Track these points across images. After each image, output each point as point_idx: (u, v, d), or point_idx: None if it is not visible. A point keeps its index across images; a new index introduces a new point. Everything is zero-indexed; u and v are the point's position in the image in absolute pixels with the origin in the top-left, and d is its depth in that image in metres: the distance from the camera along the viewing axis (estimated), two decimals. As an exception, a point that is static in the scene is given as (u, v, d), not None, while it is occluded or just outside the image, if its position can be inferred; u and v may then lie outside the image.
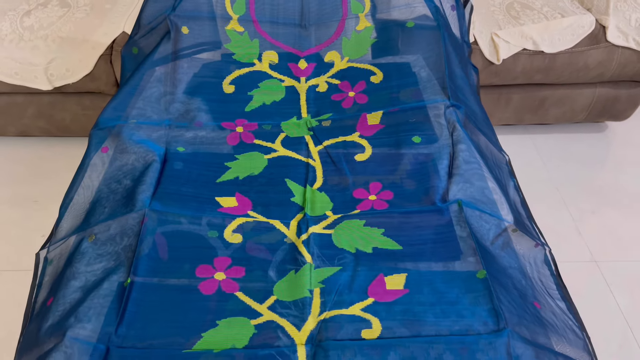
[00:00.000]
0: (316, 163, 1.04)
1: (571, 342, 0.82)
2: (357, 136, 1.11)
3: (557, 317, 0.84)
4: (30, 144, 2.09)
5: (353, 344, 0.74)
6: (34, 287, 0.91)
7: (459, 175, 1.00)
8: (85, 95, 1.91)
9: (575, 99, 2.10)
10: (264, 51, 1.27)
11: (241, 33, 1.26)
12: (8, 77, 1.81)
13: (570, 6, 2.05)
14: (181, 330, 0.76)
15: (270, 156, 1.05)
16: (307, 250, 0.86)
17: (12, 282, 1.62)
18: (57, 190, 1.82)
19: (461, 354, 0.72)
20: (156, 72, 1.27)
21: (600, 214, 1.93)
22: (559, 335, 0.81)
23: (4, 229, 1.78)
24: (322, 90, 1.22)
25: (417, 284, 0.82)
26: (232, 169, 1.02)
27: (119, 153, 1.08)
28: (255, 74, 1.23)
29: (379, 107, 1.18)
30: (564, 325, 0.83)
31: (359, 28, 1.29)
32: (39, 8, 1.88)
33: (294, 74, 1.25)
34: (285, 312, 0.79)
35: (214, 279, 0.83)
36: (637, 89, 2.11)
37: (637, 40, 1.93)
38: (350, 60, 1.26)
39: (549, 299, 0.88)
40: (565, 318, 0.86)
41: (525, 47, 1.91)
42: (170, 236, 0.88)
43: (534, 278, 0.90)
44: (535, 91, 2.07)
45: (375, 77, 1.23)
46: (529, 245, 0.97)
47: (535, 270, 0.93)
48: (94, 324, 0.75)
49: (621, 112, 2.18)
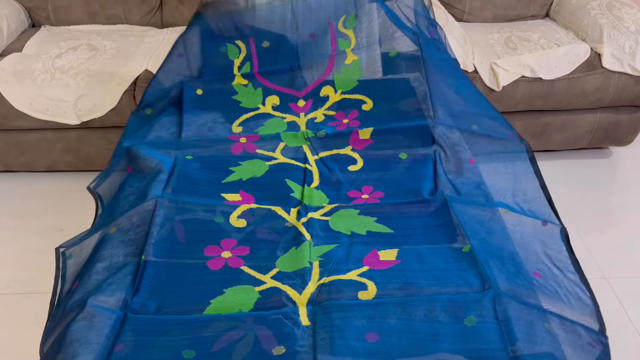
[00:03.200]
0: (313, 168, 1.14)
1: (574, 307, 0.86)
2: (350, 149, 1.21)
3: (560, 286, 0.89)
4: (57, 178, 2.21)
5: (351, 303, 0.80)
6: (57, 278, 0.99)
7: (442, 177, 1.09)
8: (110, 130, 2.04)
9: (577, 124, 2.18)
10: (267, 97, 1.40)
11: (246, 85, 1.40)
12: (40, 114, 1.95)
13: (566, 37, 2.16)
14: (191, 299, 0.83)
15: (271, 163, 1.14)
16: (307, 231, 0.94)
17: (40, 305, 1.69)
18: (83, 220, 1.92)
19: (450, 310, 0.78)
20: (168, 113, 1.39)
21: (608, 233, 1.96)
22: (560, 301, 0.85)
23: (32, 255, 1.87)
24: (319, 121, 1.33)
25: (407, 256, 0.89)
26: (236, 172, 1.11)
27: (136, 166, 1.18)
28: (260, 116, 1.35)
29: (369, 125, 1.28)
30: (568, 293, 0.88)
31: (347, 62, 1.43)
32: (69, 52, 2.04)
33: (294, 111, 1.36)
34: (287, 280, 0.85)
35: (220, 257, 0.91)
36: (637, 113, 2.18)
37: (632, 65, 2.02)
38: (343, 92, 1.38)
39: (555, 271, 0.93)
40: (574, 287, 0.90)
41: (524, 74, 2.01)
42: (187, 222, 0.97)
43: (539, 252, 0.95)
44: (537, 117, 2.15)
45: (366, 105, 1.34)
46: (534, 224, 1.02)
47: (542, 247, 0.98)
48: (114, 296, 0.83)
49: (624, 137, 2.24)
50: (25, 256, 1.86)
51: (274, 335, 0.76)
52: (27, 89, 1.91)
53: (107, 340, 0.76)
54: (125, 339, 0.76)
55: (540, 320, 0.79)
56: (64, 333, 0.78)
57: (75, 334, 0.76)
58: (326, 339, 0.75)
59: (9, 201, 2.11)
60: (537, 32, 2.21)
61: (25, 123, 1.98)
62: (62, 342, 0.76)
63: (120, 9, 2.27)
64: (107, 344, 0.76)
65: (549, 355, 0.73)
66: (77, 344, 0.75)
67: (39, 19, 2.29)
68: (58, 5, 2.25)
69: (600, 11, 2.13)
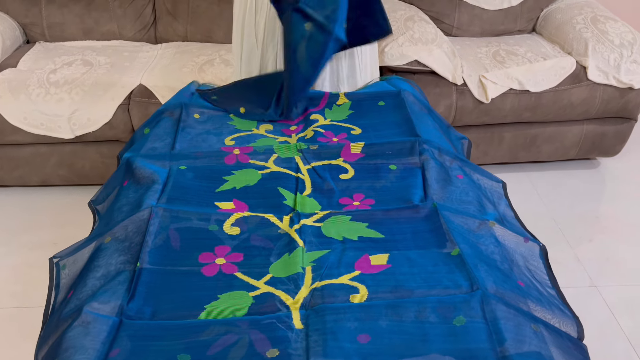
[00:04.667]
0: (305, 177, 1.16)
1: (555, 314, 0.88)
2: (342, 161, 1.25)
3: (543, 297, 0.91)
4: (51, 193, 2.21)
5: (343, 306, 0.82)
6: (51, 288, 1.00)
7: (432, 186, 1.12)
8: (104, 144, 2.06)
9: (565, 135, 2.22)
10: (260, 124, 1.43)
11: (242, 115, 1.44)
12: (34, 128, 1.96)
13: (552, 51, 2.21)
14: (185, 304, 0.85)
15: (264, 172, 1.17)
16: (300, 238, 0.96)
17: (34, 319, 1.69)
18: (76, 234, 1.92)
19: (440, 312, 0.80)
20: (162, 124, 1.41)
21: (598, 242, 1.99)
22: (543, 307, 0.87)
23: (25, 269, 1.87)
24: (309, 137, 1.37)
25: (398, 260, 0.91)
26: (230, 182, 1.14)
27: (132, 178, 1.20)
28: (252, 135, 1.38)
29: (360, 140, 1.32)
30: (550, 303, 0.90)
31: (339, 103, 1.48)
32: (64, 67, 2.06)
33: (286, 134, 1.40)
34: (280, 285, 0.87)
35: (215, 263, 0.93)
36: (623, 125, 2.22)
37: (617, 77, 2.07)
38: (332, 120, 1.43)
39: (536, 284, 0.95)
40: (554, 300, 0.93)
41: (512, 87, 2.05)
42: (181, 230, 0.98)
43: (521, 266, 0.98)
44: (526, 129, 2.19)
45: (355, 130, 1.39)
46: (516, 240, 1.05)
47: (523, 261, 1.01)
48: (109, 303, 0.84)
49: (611, 148, 2.28)
50: (18, 270, 1.86)
51: (267, 339, 0.77)
52: (22, 104, 1.93)
53: (103, 345, 0.77)
54: (121, 343, 0.77)
55: (527, 321, 0.81)
56: (60, 340, 0.79)
57: (71, 341, 0.77)
58: (319, 342, 0.76)
59: (2, 216, 2.11)
60: (524, 46, 2.26)
61: (20, 138, 1.99)
62: (58, 348, 0.77)
63: (114, 25, 2.30)
64: (103, 350, 0.77)
65: (537, 354, 0.75)
66: (74, 350, 0.76)
67: (34, 35, 2.32)
68: (53, 21, 2.28)
69: (585, 25, 2.19)
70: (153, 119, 1.35)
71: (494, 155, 2.25)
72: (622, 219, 2.09)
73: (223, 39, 2.32)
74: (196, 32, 2.32)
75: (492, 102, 2.06)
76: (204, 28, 2.32)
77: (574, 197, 2.21)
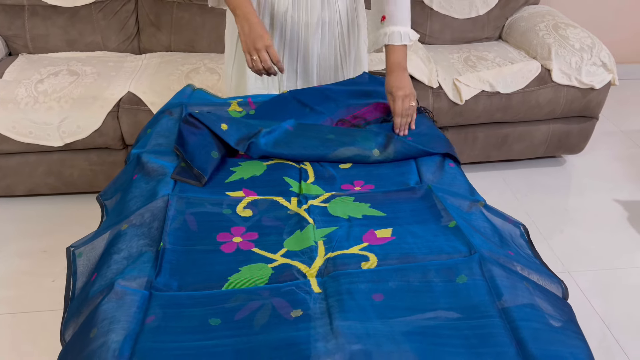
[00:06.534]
0: (308, 167, 1.24)
1: (542, 277, 0.97)
2: None
3: (530, 263, 1.00)
4: (38, 202, 2.22)
5: (356, 272, 0.89)
6: (69, 275, 1.04)
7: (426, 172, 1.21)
8: (93, 151, 2.09)
9: (534, 134, 2.36)
10: None
11: None
12: (23, 137, 1.98)
13: (518, 56, 2.36)
14: (210, 277, 0.90)
15: (269, 163, 1.24)
16: (309, 216, 1.04)
17: (27, 324, 1.70)
18: (65, 241, 1.94)
19: (444, 273, 0.89)
20: (165, 121, 1.45)
21: (568, 232, 2.12)
22: (531, 271, 0.97)
23: (16, 276, 1.88)
24: None
25: (401, 233, 1.00)
26: (237, 172, 1.20)
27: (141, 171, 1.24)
28: None
29: None
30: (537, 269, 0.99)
31: None
32: (50, 77, 2.09)
33: None
34: (295, 257, 0.95)
35: (232, 242, 0.99)
36: (586, 123, 2.38)
37: (579, 79, 2.23)
38: None
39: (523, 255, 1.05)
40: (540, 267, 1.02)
41: (483, 89, 2.18)
42: (197, 214, 1.05)
43: (508, 240, 1.07)
44: (498, 129, 2.32)
45: None
46: (501, 221, 1.15)
47: (510, 238, 1.11)
48: (137, 279, 0.89)
49: (575, 145, 2.44)
50: (9, 277, 1.87)
51: (289, 303, 0.84)
52: (11, 113, 1.95)
53: (137, 314, 0.82)
54: (155, 311, 0.82)
55: (519, 279, 0.91)
56: (94, 313, 0.83)
57: (106, 313, 0.81)
58: (338, 301, 0.83)
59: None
60: (492, 52, 2.41)
61: (7, 147, 2.01)
62: (93, 321, 0.81)
63: (98, 37, 2.35)
64: (138, 317, 0.82)
65: (530, 305, 0.84)
66: (110, 320, 0.80)
67: (17, 47, 2.34)
68: (36, 33, 2.31)
69: (548, 32, 2.35)
70: (154, 120, 1.40)
71: (469, 155, 2.37)
72: (589, 211, 2.24)
73: (206, 49, 2.39)
74: (180, 42, 2.39)
75: (466, 103, 2.18)
76: (187, 38, 2.38)
77: (544, 192, 2.35)
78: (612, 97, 3.08)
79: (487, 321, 0.81)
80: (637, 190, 2.37)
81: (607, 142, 2.73)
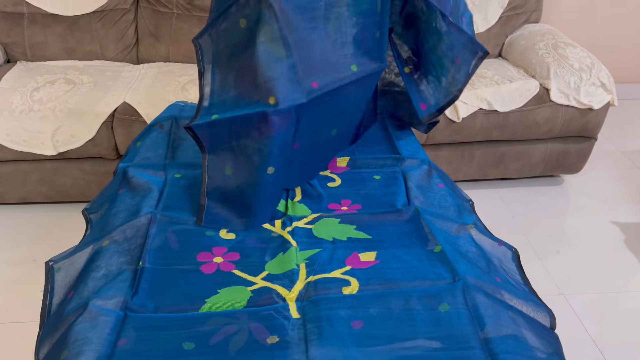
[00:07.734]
0: None
1: (530, 305, 0.95)
2: (329, 172, 1.31)
3: (518, 291, 0.99)
4: (30, 211, 2.21)
5: (337, 297, 0.88)
6: (46, 291, 1.02)
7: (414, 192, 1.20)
8: (87, 161, 2.08)
9: (531, 153, 2.34)
10: None
11: None
12: (16, 145, 1.97)
13: (517, 74, 2.35)
14: (187, 299, 0.89)
15: None
16: (292, 238, 1.03)
17: (15, 334, 1.68)
18: (55, 251, 1.93)
19: (426, 300, 0.87)
20: (154, 135, 1.45)
21: (564, 254, 2.09)
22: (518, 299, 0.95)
23: (5, 285, 1.86)
24: None
25: (385, 257, 0.99)
26: None
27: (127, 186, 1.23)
28: None
29: (346, 155, 1.39)
30: (524, 296, 0.97)
31: None
32: (46, 85, 2.09)
33: None
34: (276, 280, 0.93)
35: (212, 262, 0.98)
36: (584, 143, 2.36)
37: (577, 99, 2.22)
38: None
39: (512, 281, 1.03)
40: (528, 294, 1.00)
41: (481, 107, 2.17)
42: (179, 233, 1.03)
43: (496, 265, 1.06)
44: (495, 147, 2.31)
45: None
46: (492, 243, 1.13)
47: (499, 262, 1.09)
48: (113, 299, 0.87)
49: (573, 165, 2.42)
50: None
51: (266, 328, 0.82)
52: (5, 121, 1.94)
53: (110, 336, 0.81)
54: (128, 334, 0.81)
55: (504, 309, 0.89)
56: (67, 334, 0.81)
57: (79, 334, 0.80)
58: (316, 328, 0.81)
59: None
60: (491, 69, 2.40)
61: (1, 155, 2.00)
62: (65, 341, 0.80)
63: (97, 46, 2.35)
64: (110, 339, 0.80)
65: (514, 337, 0.82)
66: (82, 341, 0.79)
67: (15, 54, 2.34)
68: (35, 41, 2.31)
69: (547, 51, 2.34)
70: (144, 133, 1.40)
71: (466, 172, 2.36)
72: (586, 232, 2.21)
73: (204, 60, 2.38)
74: (178, 52, 2.39)
75: (463, 121, 2.17)
76: (185, 49, 2.38)
77: (540, 212, 2.33)
78: (612, 116, 3.07)
79: (468, 352, 0.79)
80: (635, 212, 2.35)
81: (606, 162, 2.71)
